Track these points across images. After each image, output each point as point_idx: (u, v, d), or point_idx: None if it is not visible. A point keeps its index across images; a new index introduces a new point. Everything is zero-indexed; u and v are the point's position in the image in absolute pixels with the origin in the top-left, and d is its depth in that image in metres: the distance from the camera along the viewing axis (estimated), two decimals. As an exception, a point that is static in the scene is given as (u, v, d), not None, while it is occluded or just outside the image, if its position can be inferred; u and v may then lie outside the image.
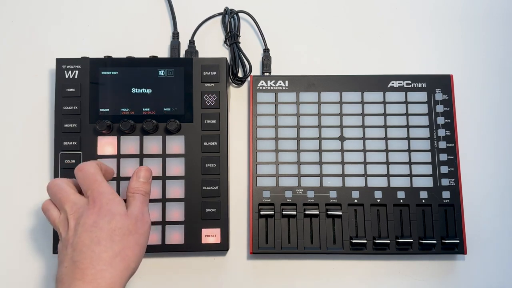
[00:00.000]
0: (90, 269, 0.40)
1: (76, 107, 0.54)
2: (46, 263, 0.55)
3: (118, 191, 0.53)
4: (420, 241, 0.53)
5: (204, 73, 0.55)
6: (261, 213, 0.54)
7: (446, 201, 0.54)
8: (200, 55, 0.60)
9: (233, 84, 0.60)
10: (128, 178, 0.53)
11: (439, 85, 0.57)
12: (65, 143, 0.54)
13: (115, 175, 0.53)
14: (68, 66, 0.55)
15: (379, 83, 0.57)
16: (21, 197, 0.56)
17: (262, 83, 0.57)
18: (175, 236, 0.52)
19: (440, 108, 0.56)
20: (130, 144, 0.54)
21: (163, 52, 0.61)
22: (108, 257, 0.41)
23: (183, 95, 0.55)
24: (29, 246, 0.55)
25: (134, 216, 0.45)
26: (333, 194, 0.54)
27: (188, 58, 0.56)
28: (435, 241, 0.52)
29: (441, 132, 0.56)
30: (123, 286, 0.42)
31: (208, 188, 0.53)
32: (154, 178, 0.53)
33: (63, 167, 0.53)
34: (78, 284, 0.39)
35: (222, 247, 0.53)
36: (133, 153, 0.54)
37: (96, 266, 0.40)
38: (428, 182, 0.54)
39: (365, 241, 0.53)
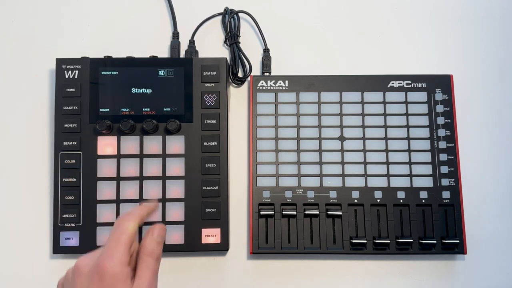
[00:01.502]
0: None
1: (76, 107, 0.54)
2: (45, 263, 0.55)
3: (118, 192, 0.53)
4: (420, 241, 0.53)
5: (204, 73, 0.55)
6: (261, 213, 0.54)
7: (446, 201, 0.54)
8: (200, 55, 0.60)
9: (233, 84, 0.60)
10: (128, 179, 0.53)
11: (439, 85, 0.57)
12: (65, 143, 0.54)
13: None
14: (68, 66, 0.55)
15: (379, 83, 0.57)
16: (21, 197, 0.56)
17: (262, 83, 0.57)
18: (175, 236, 0.52)
19: (440, 108, 0.56)
20: (130, 144, 0.54)
21: (163, 52, 0.61)
22: None
23: (183, 95, 0.55)
24: (29, 246, 0.55)
25: None
26: (333, 194, 0.54)
27: (188, 58, 0.56)
28: (435, 241, 0.52)
29: (441, 132, 0.56)
30: None
31: (208, 188, 0.53)
32: (154, 178, 0.53)
33: (63, 167, 0.53)
34: None
35: (222, 247, 0.53)
36: (133, 153, 0.54)
37: None
38: (428, 182, 0.54)
39: (365, 241, 0.53)
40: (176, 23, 0.60)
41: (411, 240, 0.53)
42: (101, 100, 0.54)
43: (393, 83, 0.57)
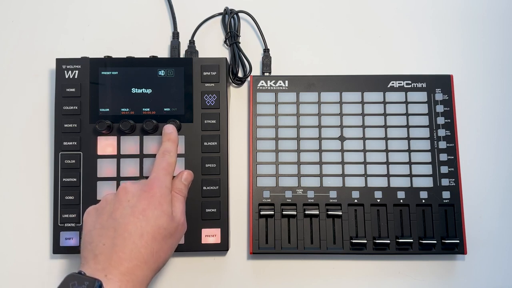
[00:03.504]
0: (128, 262, 0.40)
1: (76, 107, 0.54)
2: (45, 263, 0.55)
3: (118, 191, 0.53)
4: (420, 241, 0.53)
5: (204, 73, 0.55)
6: (261, 213, 0.54)
7: (446, 201, 0.54)
8: (200, 55, 0.60)
9: (233, 84, 0.60)
10: (128, 179, 0.53)
11: (439, 85, 0.57)
12: (65, 143, 0.54)
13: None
14: (68, 66, 0.55)
15: (379, 83, 0.57)
16: (21, 197, 0.56)
17: (262, 83, 0.57)
18: (175, 236, 0.52)
19: (440, 108, 0.56)
20: (130, 144, 0.54)
21: (163, 52, 0.61)
22: (146, 254, 0.41)
23: (183, 95, 0.55)
24: (29, 246, 0.55)
25: (177, 220, 0.45)
26: (333, 194, 0.54)
27: (188, 58, 0.56)
28: (435, 241, 0.52)
29: (441, 132, 0.56)
30: (148, 285, 0.42)
31: (208, 188, 0.53)
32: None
33: (63, 167, 0.53)
34: (113, 272, 0.39)
35: (222, 247, 0.53)
36: (133, 153, 0.54)
37: (133, 260, 0.40)
38: (428, 182, 0.54)
39: (365, 241, 0.53)
40: (176, 23, 0.60)
41: (411, 240, 0.53)
42: (101, 100, 0.54)
43: (393, 83, 0.57)
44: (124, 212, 0.43)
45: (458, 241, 0.53)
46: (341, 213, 0.54)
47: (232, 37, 0.60)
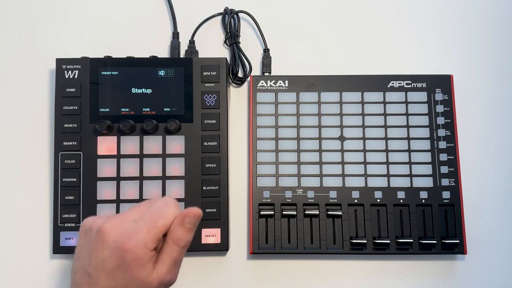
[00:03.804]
0: None
1: (76, 107, 0.54)
2: (45, 263, 0.55)
3: (118, 192, 0.53)
4: (420, 241, 0.53)
5: (204, 73, 0.55)
6: (261, 213, 0.54)
7: (446, 201, 0.54)
8: (200, 55, 0.60)
9: (233, 84, 0.60)
10: (128, 179, 0.53)
11: (439, 85, 0.57)
12: (65, 143, 0.54)
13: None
14: (68, 66, 0.55)
15: (379, 83, 0.57)
16: (21, 197, 0.56)
17: (262, 83, 0.57)
18: (175, 236, 0.52)
19: (440, 108, 0.56)
20: (130, 144, 0.54)
21: (163, 52, 0.61)
22: None
23: (183, 95, 0.55)
24: (29, 246, 0.55)
25: (159, 280, 0.38)
26: (333, 194, 0.54)
27: (188, 58, 0.56)
28: (435, 241, 0.52)
29: (441, 132, 0.56)
30: None
31: (208, 188, 0.53)
32: (154, 178, 0.53)
33: (63, 167, 0.53)
34: None
35: (222, 247, 0.53)
36: (133, 153, 0.54)
37: None
38: (428, 182, 0.54)
39: (365, 241, 0.53)
40: (176, 23, 0.60)
41: (411, 240, 0.53)
42: (101, 100, 0.54)
43: (393, 83, 0.57)
44: (98, 263, 0.38)
45: (458, 241, 0.53)
46: (341, 213, 0.54)
47: (232, 37, 0.60)
